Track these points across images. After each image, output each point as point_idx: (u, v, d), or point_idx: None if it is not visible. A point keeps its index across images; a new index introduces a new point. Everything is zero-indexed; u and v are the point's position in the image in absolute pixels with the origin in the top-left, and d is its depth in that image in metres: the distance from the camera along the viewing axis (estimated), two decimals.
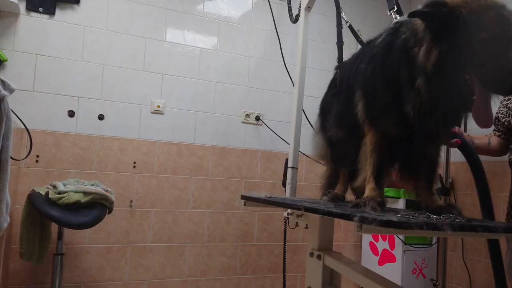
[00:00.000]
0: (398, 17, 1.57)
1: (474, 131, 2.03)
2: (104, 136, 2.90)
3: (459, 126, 1.69)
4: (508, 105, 1.90)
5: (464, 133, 1.80)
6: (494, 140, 2.01)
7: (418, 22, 1.23)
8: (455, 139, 1.67)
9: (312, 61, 3.42)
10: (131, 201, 2.94)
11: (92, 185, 2.56)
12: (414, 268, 3.09)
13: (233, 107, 3.27)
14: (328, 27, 3.45)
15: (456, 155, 3.02)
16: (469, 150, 1.88)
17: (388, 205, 2.86)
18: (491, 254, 1.86)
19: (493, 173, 2.85)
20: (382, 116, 1.40)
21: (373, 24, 3.76)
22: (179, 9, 3.13)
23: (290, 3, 3.15)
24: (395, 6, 1.60)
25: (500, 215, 2.85)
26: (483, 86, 1.09)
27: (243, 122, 3.30)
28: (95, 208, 2.40)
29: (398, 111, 1.30)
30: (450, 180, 3.13)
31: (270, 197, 1.96)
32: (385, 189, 2.95)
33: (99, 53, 2.91)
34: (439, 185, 2.83)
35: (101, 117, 2.89)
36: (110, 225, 2.87)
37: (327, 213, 1.30)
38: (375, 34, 1.75)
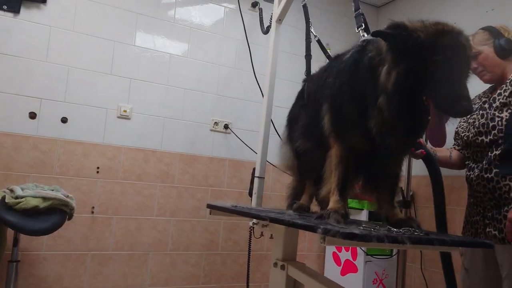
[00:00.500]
0: (366, 35, 1.62)
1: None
2: (67, 140, 2.81)
3: (420, 142, 1.75)
4: (469, 120, 1.98)
5: (427, 145, 1.87)
6: (455, 154, 2.10)
7: (383, 42, 1.27)
8: (420, 150, 1.73)
9: (282, 72, 3.46)
10: (93, 207, 2.86)
11: (52, 190, 2.47)
12: (375, 279, 3.15)
13: (202, 115, 3.26)
14: (298, 39, 3.50)
15: (417, 169, 3.12)
16: (432, 162, 1.95)
17: (351, 217, 2.91)
18: (443, 266, 1.93)
19: (452, 187, 2.97)
20: (347, 130, 1.44)
21: (342, 38, 3.86)
22: (150, 14, 3.11)
23: (262, 14, 3.19)
24: (363, 24, 1.65)
25: (457, 228, 2.97)
26: (435, 107, 1.14)
27: (211, 130, 3.29)
28: (55, 214, 2.32)
29: (362, 126, 1.33)
30: (411, 193, 3.23)
31: (236, 206, 1.96)
32: (349, 200, 3.02)
33: (65, 55, 2.83)
34: (401, 198, 2.91)
35: (64, 120, 2.81)
36: (70, 232, 2.78)
37: (292, 224, 1.31)
38: (343, 48, 1.80)
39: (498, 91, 1.87)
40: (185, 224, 3.16)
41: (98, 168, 2.88)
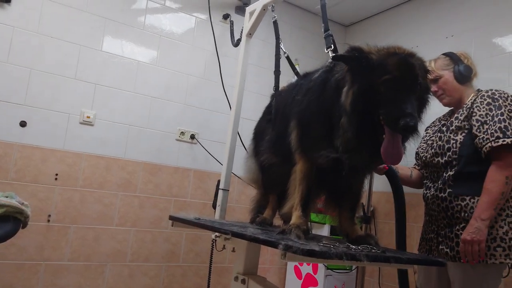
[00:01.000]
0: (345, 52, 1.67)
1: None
2: (24, 144, 2.70)
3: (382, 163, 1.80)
4: (428, 142, 2.07)
5: None
6: (415, 173, 2.18)
7: None
8: (383, 165, 1.78)
9: (250, 85, 3.49)
10: (49, 215, 2.75)
11: (6, 197, 2.35)
12: None
13: (168, 124, 3.22)
14: (268, 53, 3.55)
15: (378, 185, 3.21)
16: (395, 177, 2.02)
17: (313, 231, 2.96)
18: (399, 282, 2.00)
19: (409, 205, 3.06)
20: (313, 147, 1.47)
21: (311, 55, 3.94)
22: (119, 20, 3.06)
23: (233, 27, 3.22)
24: (332, 45, 1.70)
25: (414, 243, 3.06)
26: (385, 124, 1.19)
27: (177, 140, 3.26)
28: (8, 222, 2.20)
29: (328, 144, 1.37)
30: (371, 209, 3.31)
31: (199, 219, 1.94)
32: (312, 214, 3.05)
33: (28, 56, 2.74)
34: (361, 213, 2.98)
35: (23, 124, 2.70)
36: (23, 240, 2.66)
37: (254, 239, 1.32)
38: (312, 64, 1.85)
39: (455, 115, 1.96)
40: (146, 234, 3.09)
41: (56, 174, 2.78)
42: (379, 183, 3.09)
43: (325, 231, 3.21)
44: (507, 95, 1.85)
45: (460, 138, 1.88)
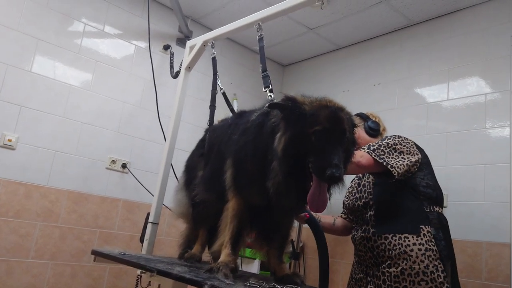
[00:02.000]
0: (272, 95, 1.73)
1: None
2: None
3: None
4: (349, 189, 2.23)
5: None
6: (339, 221, 2.30)
7: None
8: (304, 213, 1.85)
9: (187, 116, 3.47)
10: None
11: None
12: None
13: (98, 151, 3.10)
14: (207, 86, 3.54)
15: None
16: (316, 224, 2.11)
17: (244, 266, 2.93)
18: None
19: (337, 241, 3.18)
20: (246, 187, 1.49)
21: (248, 90, 4.04)
22: (53, 41, 2.94)
23: (173, 58, 3.23)
24: (269, 85, 1.77)
25: (340, 280, 3.15)
26: (313, 172, 1.25)
27: (107, 168, 3.13)
28: None
29: (261, 184, 1.40)
30: (301, 245, 3.37)
31: (124, 254, 1.86)
32: (243, 249, 3.04)
33: None
34: (291, 249, 3.02)
35: None
36: None
37: (179, 278, 1.29)
38: (250, 99, 1.91)
39: None
40: (65, 268, 2.88)
41: None
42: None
43: (255, 266, 3.20)
44: (401, 137, 2.05)
45: (372, 179, 2.04)
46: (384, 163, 1.89)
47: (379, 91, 3.41)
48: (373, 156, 1.91)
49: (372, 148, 1.95)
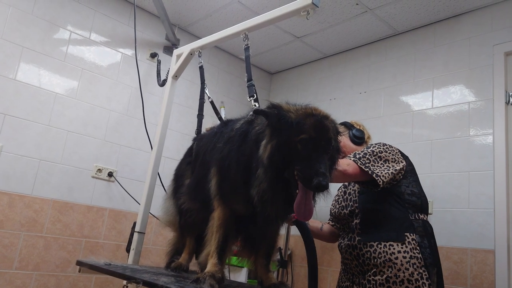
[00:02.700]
0: (257, 104, 1.74)
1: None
2: None
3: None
4: (335, 198, 2.25)
5: None
6: (326, 227, 2.30)
7: None
8: (292, 214, 1.85)
9: (175, 124, 3.47)
10: None
11: None
12: None
13: (84, 160, 3.06)
14: (194, 93, 3.58)
15: (295, 229, 3.29)
16: (303, 225, 2.10)
17: (232, 274, 2.91)
18: None
19: (324, 249, 3.18)
20: (231, 195, 1.49)
21: (235, 98, 4.05)
22: (38, 49, 2.91)
23: (160, 66, 3.23)
24: (254, 95, 1.77)
25: (327, 287, 3.16)
26: (299, 180, 1.25)
27: (93, 177, 3.09)
28: None
29: (246, 193, 1.40)
30: (288, 253, 3.37)
31: (109, 264, 1.84)
32: (232, 258, 3.03)
33: None
34: (279, 257, 3.02)
35: None
36: None
37: None
38: (237, 107, 1.91)
39: None
40: (49, 279, 2.83)
41: None
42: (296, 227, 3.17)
43: (243, 274, 3.19)
44: (386, 144, 2.08)
45: (357, 188, 2.05)
46: (370, 172, 1.90)
47: (365, 99, 3.45)
48: (358, 164, 1.93)
49: (358, 156, 1.97)
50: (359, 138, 2.25)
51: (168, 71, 2.63)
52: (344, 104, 3.60)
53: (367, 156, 1.97)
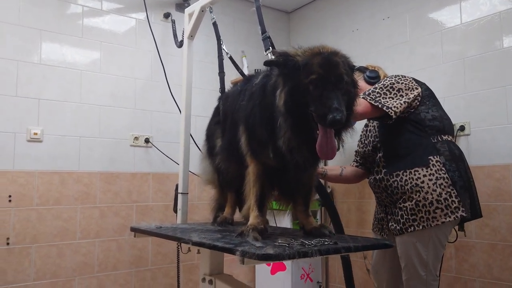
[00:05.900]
0: (273, 57, 1.72)
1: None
2: None
3: None
4: (361, 139, 2.28)
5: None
6: (348, 170, 2.36)
7: None
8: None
9: (199, 81, 3.49)
10: (8, 238, 2.68)
11: None
12: (302, 274, 3.33)
13: (120, 131, 3.18)
14: (213, 49, 3.50)
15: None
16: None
17: (276, 219, 3.03)
18: (343, 265, 2.26)
19: (364, 183, 3.22)
20: (261, 150, 1.53)
21: (256, 45, 3.96)
22: (55, 30, 2.95)
23: (175, 26, 3.20)
24: (270, 47, 1.75)
25: (370, 219, 3.23)
26: (316, 120, 1.27)
27: (131, 145, 3.23)
28: None
29: (273, 145, 1.44)
30: (329, 190, 3.45)
31: (160, 227, 1.97)
32: (273, 203, 3.14)
33: None
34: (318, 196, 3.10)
35: None
36: None
37: (213, 247, 1.37)
38: (259, 55, 1.88)
39: None
40: (111, 244, 3.08)
41: (10, 196, 2.70)
42: (331, 163, 3.21)
43: (286, 219, 3.31)
44: (398, 75, 2.05)
45: (377, 123, 2.10)
46: (380, 105, 1.91)
47: (389, 25, 3.29)
48: (368, 100, 1.94)
49: (367, 93, 1.98)
50: (373, 78, 2.26)
51: (183, 33, 2.61)
52: (368, 33, 3.46)
53: (377, 90, 1.97)
